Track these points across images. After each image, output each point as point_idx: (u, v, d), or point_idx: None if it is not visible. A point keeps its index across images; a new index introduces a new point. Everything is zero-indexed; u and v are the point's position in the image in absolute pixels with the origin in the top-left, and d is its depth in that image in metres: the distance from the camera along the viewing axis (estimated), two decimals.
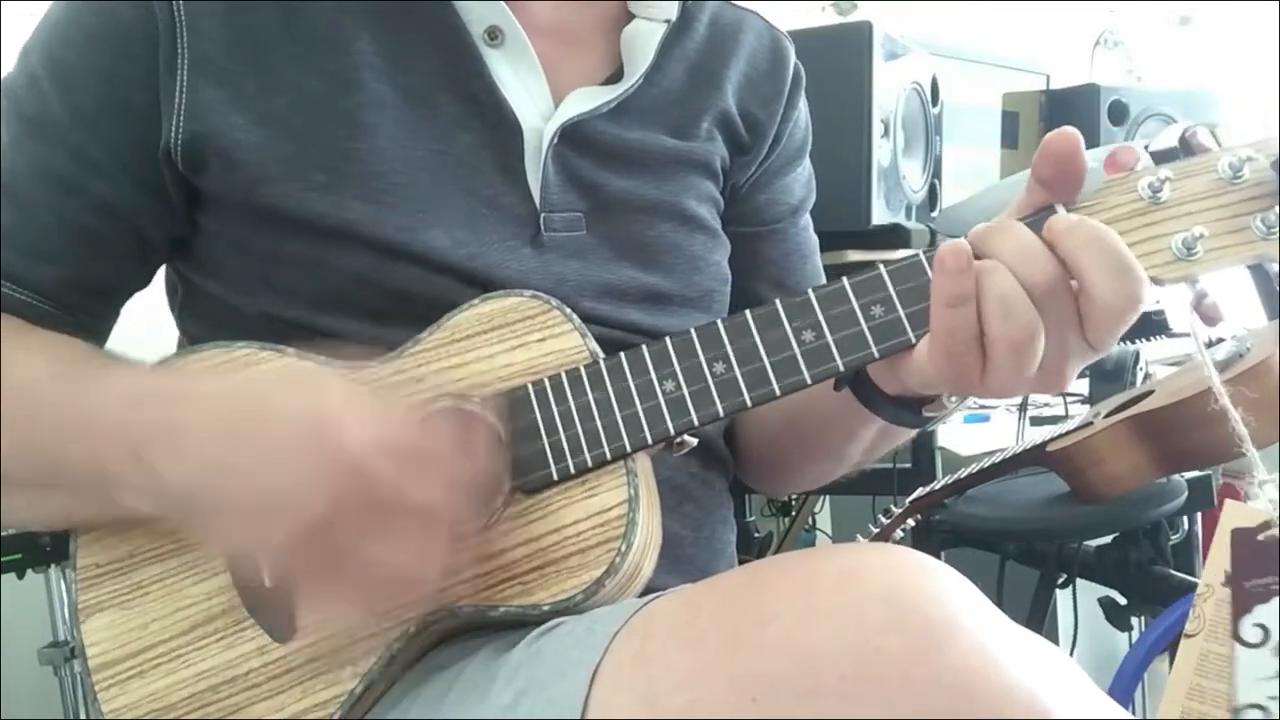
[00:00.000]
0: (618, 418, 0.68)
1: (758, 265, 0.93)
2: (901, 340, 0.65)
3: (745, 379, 0.67)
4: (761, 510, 2.11)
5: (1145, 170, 0.64)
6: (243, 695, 0.69)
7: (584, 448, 0.68)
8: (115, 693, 0.71)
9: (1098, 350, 0.63)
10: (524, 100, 0.79)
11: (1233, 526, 0.61)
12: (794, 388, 0.66)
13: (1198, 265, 0.62)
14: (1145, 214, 0.63)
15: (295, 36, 0.76)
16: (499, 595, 0.67)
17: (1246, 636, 0.60)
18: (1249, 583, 0.60)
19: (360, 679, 0.68)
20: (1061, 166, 0.63)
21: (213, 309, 0.79)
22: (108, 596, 0.72)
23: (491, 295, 0.72)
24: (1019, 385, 0.63)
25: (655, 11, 0.84)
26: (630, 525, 0.66)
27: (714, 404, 0.67)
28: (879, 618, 0.54)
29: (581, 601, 0.65)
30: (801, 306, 0.67)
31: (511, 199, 0.79)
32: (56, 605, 1.59)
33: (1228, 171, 0.63)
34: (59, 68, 0.75)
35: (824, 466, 0.92)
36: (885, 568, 0.57)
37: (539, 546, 0.67)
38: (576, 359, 0.70)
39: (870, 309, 0.65)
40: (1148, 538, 1.41)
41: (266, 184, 0.73)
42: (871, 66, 1.55)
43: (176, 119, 0.73)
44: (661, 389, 0.68)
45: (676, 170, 0.85)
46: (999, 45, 2.49)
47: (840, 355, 0.66)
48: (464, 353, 0.71)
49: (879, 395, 0.71)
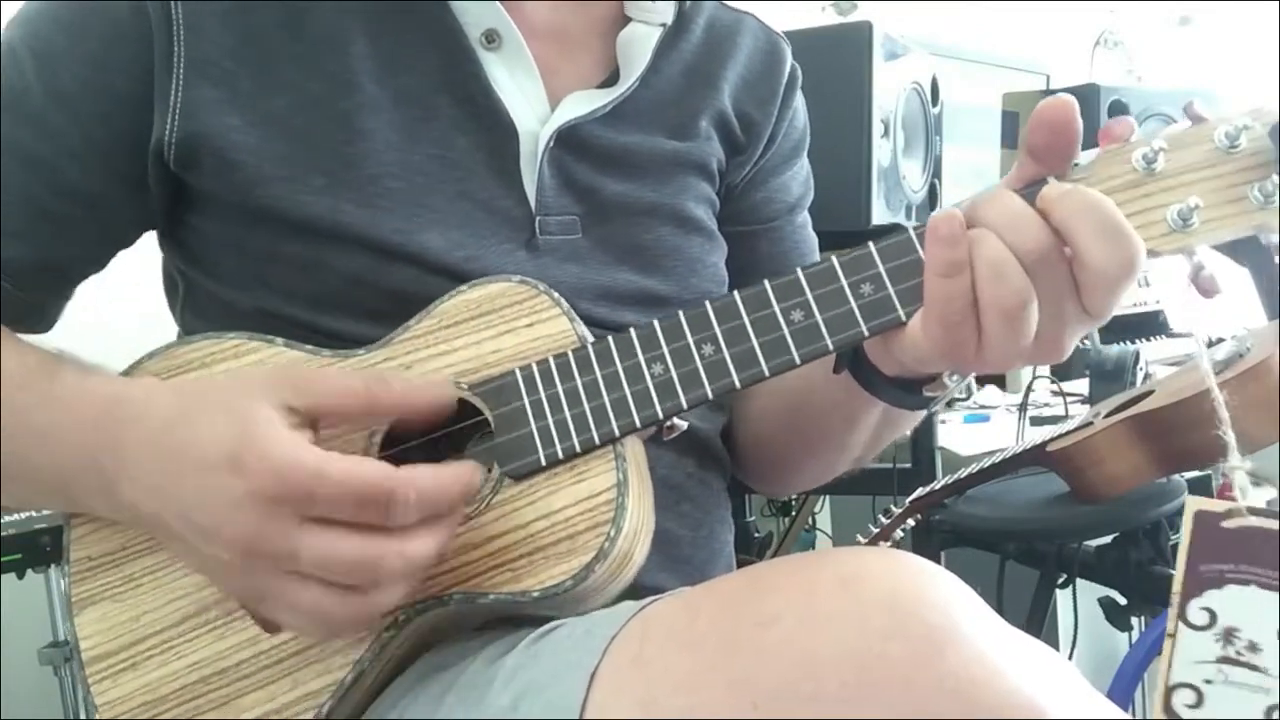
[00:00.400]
0: (605, 401, 0.67)
1: (756, 264, 0.92)
2: (891, 318, 0.64)
3: (734, 360, 0.66)
4: (761, 510, 2.11)
5: (1139, 141, 0.63)
6: (234, 686, 0.69)
7: (571, 433, 0.67)
8: (108, 685, 0.71)
9: (1096, 318, 0.62)
10: (520, 103, 0.79)
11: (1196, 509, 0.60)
12: (783, 368, 0.66)
13: (1194, 236, 0.61)
14: (1140, 185, 0.62)
15: (293, 38, 0.76)
16: (488, 582, 0.67)
17: (1192, 618, 0.59)
18: (1203, 566, 0.60)
19: (351, 668, 0.68)
20: (1055, 135, 0.63)
21: (211, 305, 0.79)
22: (100, 589, 0.72)
23: (479, 281, 0.72)
24: (1016, 356, 0.62)
25: (652, 15, 0.84)
26: (619, 510, 0.65)
27: (702, 386, 0.67)
28: (880, 623, 0.54)
29: (571, 588, 0.65)
30: (790, 286, 0.66)
31: (507, 202, 0.79)
32: (56, 605, 1.59)
33: (1224, 141, 0.62)
34: (45, 47, 0.75)
35: (826, 460, 0.92)
36: (886, 572, 0.57)
37: (528, 533, 0.66)
38: (565, 344, 0.69)
39: (860, 287, 0.65)
40: (1148, 538, 1.41)
41: (263, 185, 0.73)
42: (871, 66, 1.56)
43: (172, 117, 0.73)
44: (649, 372, 0.67)
45: (673, 172, 0.85)
46: (999, 45, 2.49)
47: (829, 334, 0.65)
48: (452, 339, 0.71)
49: (878, 377, 0.71)
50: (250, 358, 0.73)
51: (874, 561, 0.58)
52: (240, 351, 0.73)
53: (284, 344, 0.73)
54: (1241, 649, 0.59)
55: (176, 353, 0.74)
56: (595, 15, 0.85)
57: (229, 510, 0.61)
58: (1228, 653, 0.59)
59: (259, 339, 0.73)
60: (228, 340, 0.73)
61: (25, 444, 0.71)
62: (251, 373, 0.71)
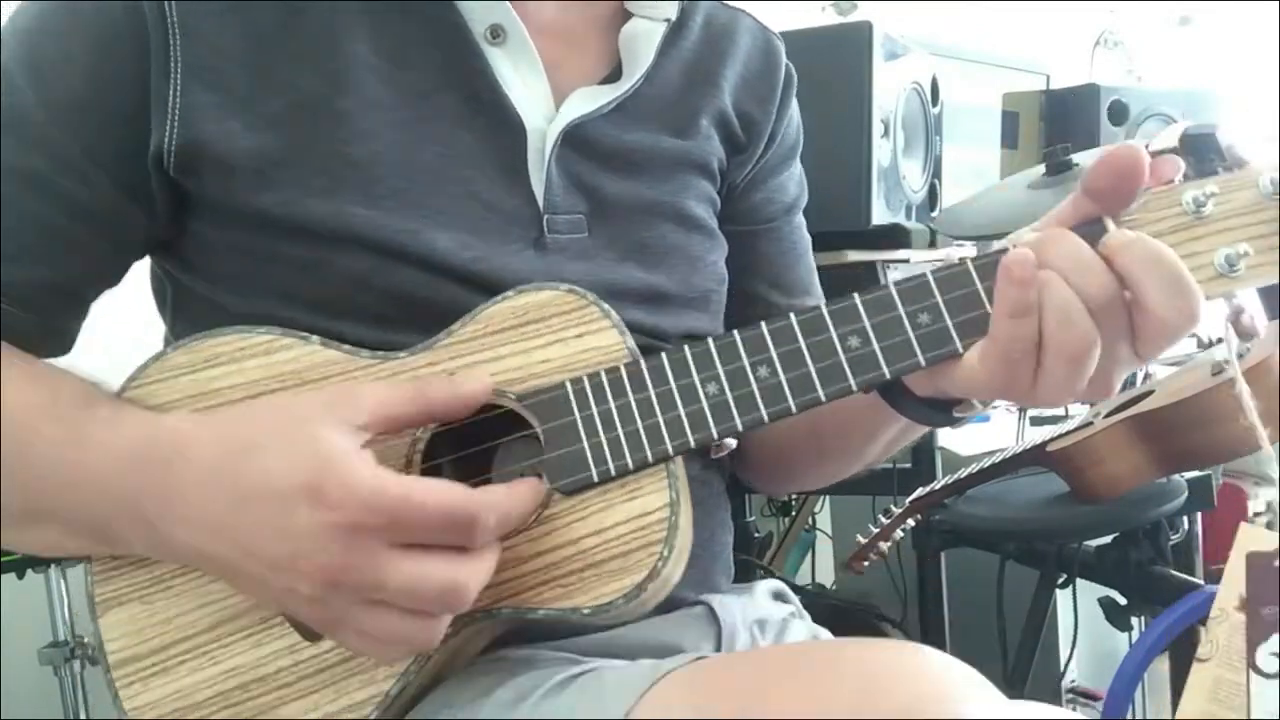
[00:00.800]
0: (660, 421, 0.67)
1: (754, 264, 0.92)
2: (949, 349, 0.64)
3: (790, 385, 0.66)
4: (761, 510, 2.11)
5: (1189, 184, 0.64)
6: (274, 695, 0.68)
7: (625, 451, 0.66)
8: (138, 689, 0.69)
9: (1144, 361, 0.63)
10: (526, 100, 0.79)
11: (1248, 550, 0.60)
12: (839, 394, 0.66)
13: (1238, 281, 0.62)
14: (1189, 229, 0.63)
15: (291, 37, 0.74)
16: (538, 598, 0.66)
17: (1263, 666, 0.59)
18: (1265, 609, 0.59)
19: (396, 679, 0.67)
20: (1121, 181, 0.63)
21: (204, 310, 0.77)
22: (127, 590, 0.71)
23: (526, 288, 0.71)
24: (1070, 394, 0.63)
25: (655, 11, 0.84)
26: (672, 529, 0.65)
27: (758, 409, 0.66)
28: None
29: (622, 605, 0.65)
30: (847, 312, 0.66)
31: (515, 201, 0.78)
32: (56, 605, 1.58)
33: (1269, 188, 0.62)
34: (37, 60, 0.73)
35: (838, 466, 0.92)
36: (905, 679, 0.56)
37: (579, 549, 0.66)
38: (616, 357, 0.69)
39: (917, 316, 0.65)
40: (1148, 538, 1.41)
41: (265, 189, 0.72)
42: (871, 66, 1.55)
43: (171, 124, 0.71)
44: (704, 392, 0.66)
45: (675, 171, 0.85)
46: (999, 45, 2.49)
47: (887, 364, 0.65)
48: (498, 346, 0.70)
49: (908, 396, 0.70)
50: (282, 354, 0.71)
51: (892, 664, 0.58)
52: (272, 347, 0.71)
53: (320, 342, 0.71)
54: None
55: (202, 346, 0.71)
56: (598, 10, 0.84)
57: (309, 542, 0.59)
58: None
59: (293, 335, 0.71)
60: (258, 335, 0.71)
61: (55, 484, 0.68)
62: (304, 397, 0.69)
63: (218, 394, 0.70)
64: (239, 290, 0.75)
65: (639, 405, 0.67)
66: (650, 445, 0.66)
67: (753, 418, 0.66)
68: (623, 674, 0.67)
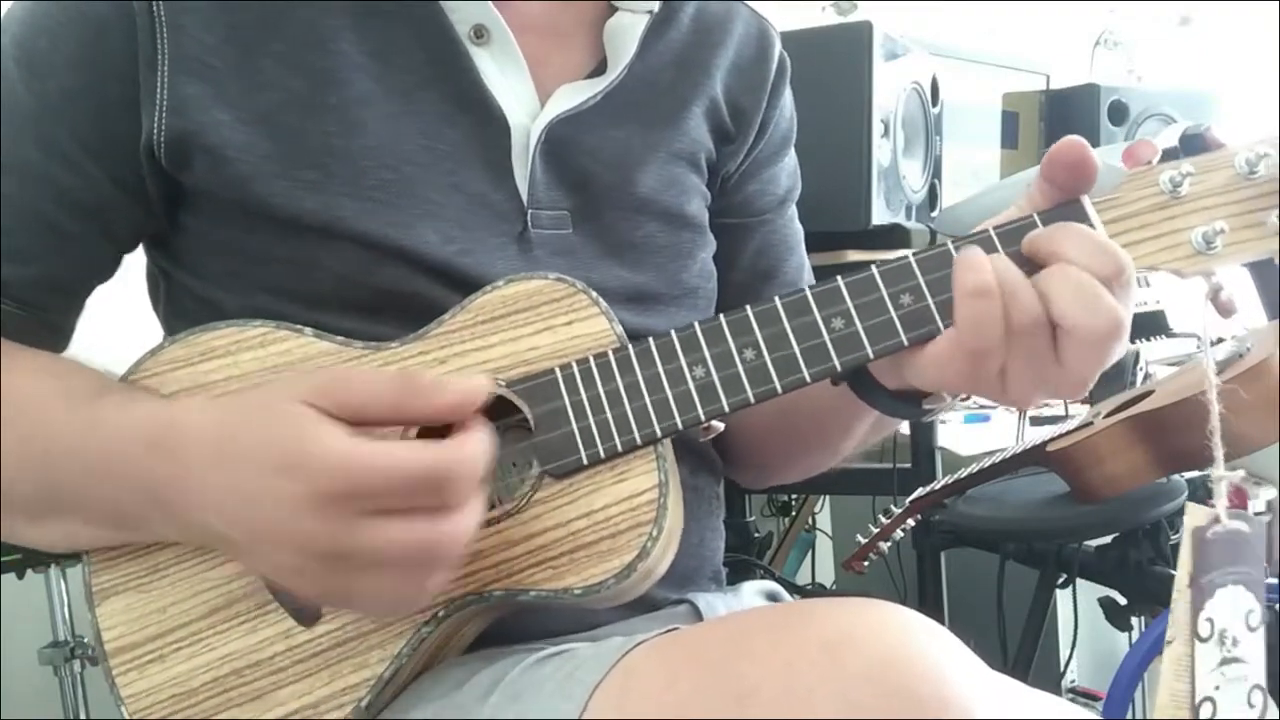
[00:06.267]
0: (647, 403, 0.68)
1: (746, 256, 0.92)
2: (930, 329, 0.65)
3: (775, 365, 0.67)
4: (761, 510, 2.12)
5: (1166, 165, 0.66)
6: (269, 679, 0.68)
7: (614, 433, 0.68)
8: (134, 677, 0.70)
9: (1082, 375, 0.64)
10: (510, 97, 0.79)
11: (1192, 527, 0.62)
12: (824, 374, 0.67)
13: (1216, 259, 0.64)
14: (1166, 208, 0.65)
15: (276, 36, 0.75)
16: (529, 579, 0.67)
17: (1201, 632, 0.61)
18: (1203, 578, 0.61)
19: (389, 663, 0.68)
20: (1074, 171, 0.65)
21: (197, 304, 0.78)
22: (124, 579, 0.71)
23: (515, 278, 0.72)
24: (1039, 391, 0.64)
25: (638, 4, 0.84)
26: (661, 510, 0.66)
27: (744, 390, 0.67)
28: (865, 698, 0.54)
29: (613, 585, 0.66)
30: (831, 293, 0.67)
31: (499, 196, 0.79)
32: (56, 605, 1.59)
33: (1244, 167, 0.64)
34: (28, 55, 0.74)
35: (815, 459, 0.92)
36: (871, 636, 0.56)
37: (569, 531, 0.67)
38: (604, 343, 0.70)
39: (900, 297, 0.66)
40: (1148, 538, 1.41)
41: (255, 181, 0.73)
42: (871, 66, 1.56)
43: (159, 114, 0.72)
44: (691, 375, 0.68)
45: (663, 165, 0.84)
46: (999, 45, 2.49)
47: (870, 343, 0.66)
48: (488, 335, 0.71)
49: (878, 389, 0.71)
50: (276, 347, 0.72)
51: (859, 623, 0.58)
52: (266, 340, 0.72)
53: (313, 334, 0.72)
54: (1230, 647, 0.61)
55: (197, 340, 0.72)
56: (583, 6, 0.85)
57: (287, 513, 0.60)
58: (1224, 654, 0.60)
59: (286, 328, 0.72)
60: (253, 328, 0.72)
61: (74, 472, 0.69)
62: (288, 377, 0.70)
63: (213, 387, 0.71)
64: (230, 284, 0.76)
65: (627, 389, 0.68)
66: (638, 428, 0.67)
67: (739, 399, 0.67)
68: (596, 648, 0.68)
